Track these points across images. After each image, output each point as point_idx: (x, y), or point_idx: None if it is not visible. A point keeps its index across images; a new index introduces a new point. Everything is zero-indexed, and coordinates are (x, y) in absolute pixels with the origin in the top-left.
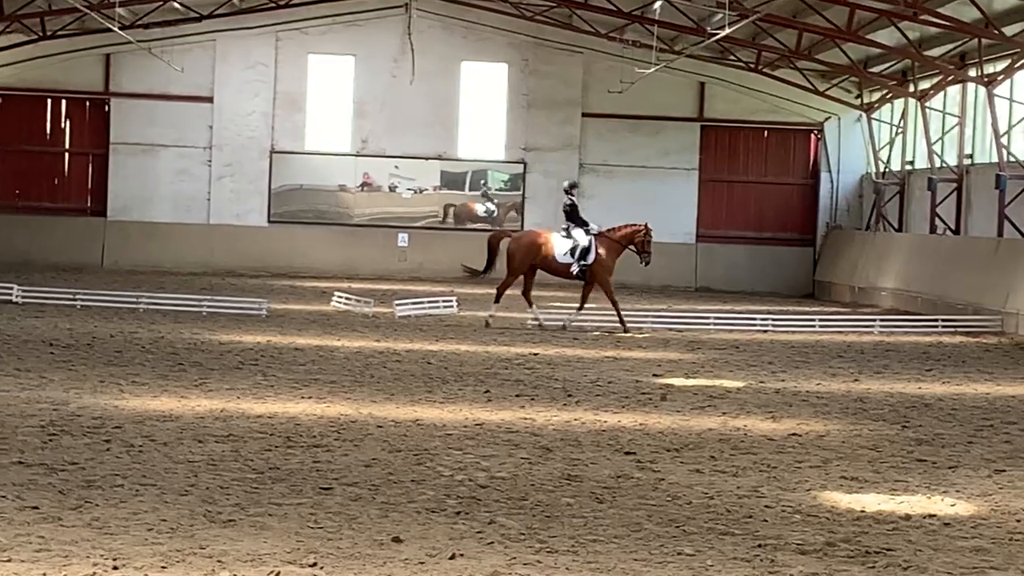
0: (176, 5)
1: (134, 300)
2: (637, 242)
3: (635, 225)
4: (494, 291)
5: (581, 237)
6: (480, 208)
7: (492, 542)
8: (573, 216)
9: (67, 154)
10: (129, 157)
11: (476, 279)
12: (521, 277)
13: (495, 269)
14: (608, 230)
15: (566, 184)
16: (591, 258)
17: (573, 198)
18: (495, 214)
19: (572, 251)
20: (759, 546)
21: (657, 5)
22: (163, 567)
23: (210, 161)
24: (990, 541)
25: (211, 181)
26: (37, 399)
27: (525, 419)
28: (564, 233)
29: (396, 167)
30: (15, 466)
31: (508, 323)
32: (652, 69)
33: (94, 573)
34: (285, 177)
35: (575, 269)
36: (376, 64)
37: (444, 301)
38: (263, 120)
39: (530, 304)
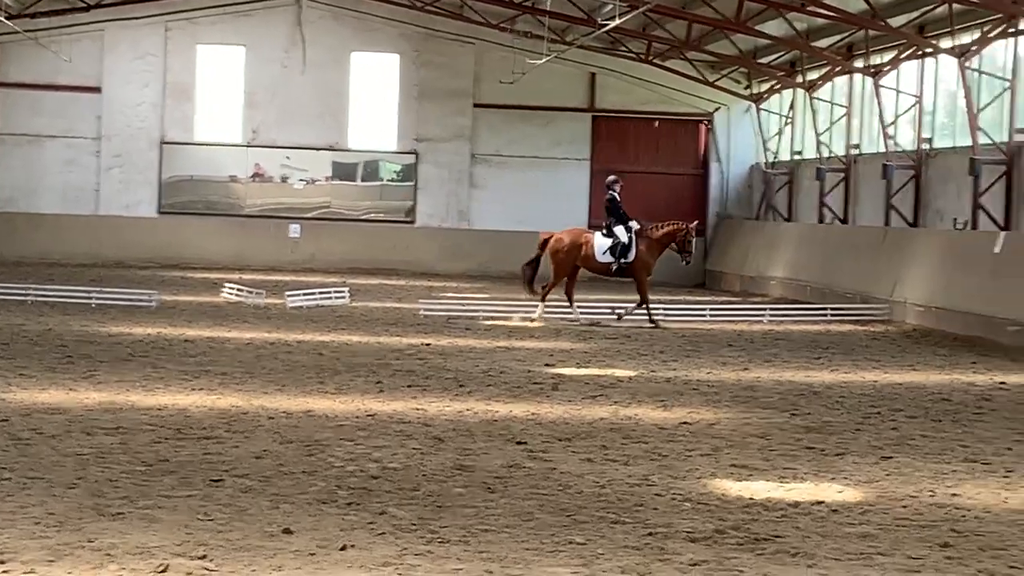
0: None
1: (22, 292)
2: (678, 241)
3: (677, 224)
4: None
5: (622, 234)
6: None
7: (383, 533)
8: (614, 211)
9: None
10: (15, 148)
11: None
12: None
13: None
14: (650, 228)
15: (609, 179)
16: (631, 255)
17: (614, 192)
18: None
19: (612, 249)
20: (649, 534)
21: None
22: (51, 561)
23: (99, 152)
24: (877, 527)
25: (100, 172)
26: None
27: (417, 409)
28: (605, 231)
29: (287, 158)
30: None
31: (400, 314)
32: (543, 60)
33: None
34: (175, 168)
35: (614, 267)
36: (267, 54)
37: (336, 292)
38: (152, 111)
39: (571, 303)
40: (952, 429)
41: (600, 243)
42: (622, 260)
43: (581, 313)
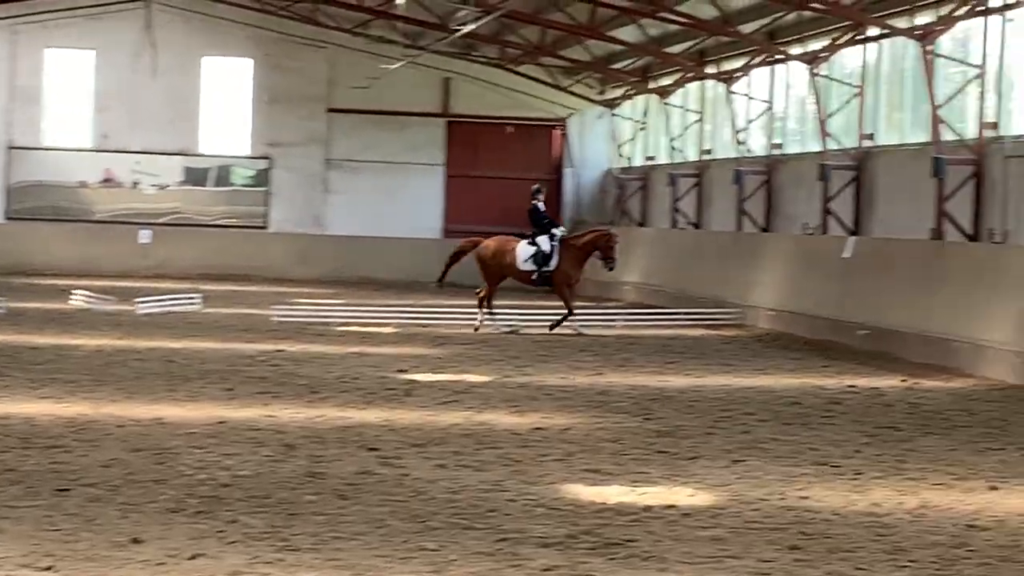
0: None
1: None
2: (601, 247)
3: (599, 230)
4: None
5: (544, 243)
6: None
7: (234, 541)
8: (536, 220)
9: None
10: None
11: (439, 287)
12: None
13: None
14: (573, 236)
15: (532, 188)
16: (552, 264)
17: (536, 201)
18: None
19: (534, 257)
20: (502, 540)
21: (401, 0)
22: None
23: None
24: (728, 530)
25: None
26: None
27: (269, 416)
28: (530, 240)
29: (138, 163)
30: None
31: (253, 320)
32: (397, 65)
33: None
34: (23, 173)
35: (535, 276)
36: (117, 58)
37: (187, 298)
38: None
39: (481, 306)
40: (802, 432)
41: (523, 251)
42: (543, 269)
43: (485, 318)
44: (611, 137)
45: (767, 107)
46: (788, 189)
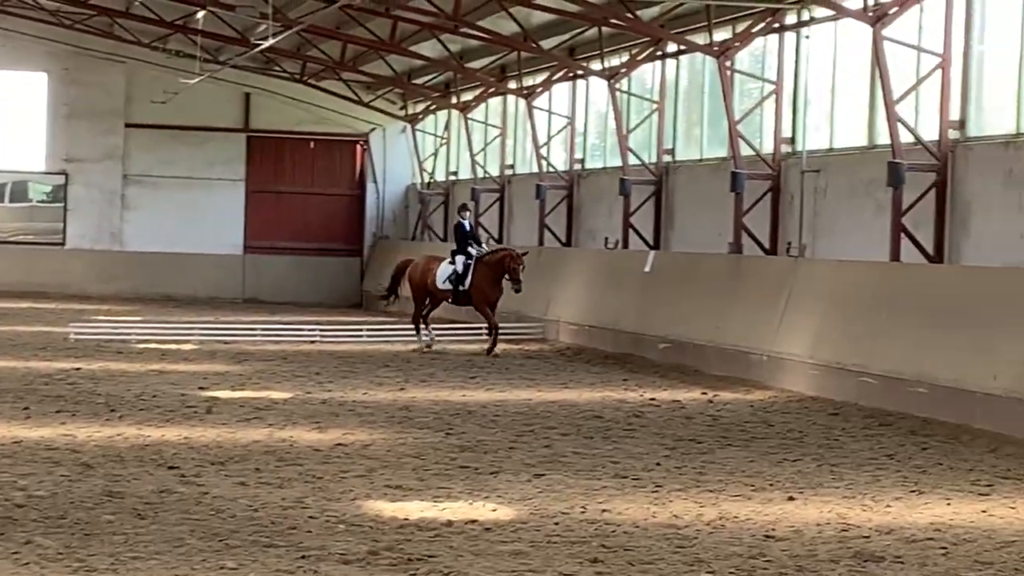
0: None
1: None
2: (506, 268)
3: (506, 250)
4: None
5: (459, 263)
6: None
7: (28, 563)
8: (459, 239)
9: None
10: None
11: (387, 304)
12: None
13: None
14: (487, 254)
15: (459, 205)
16: (467, 283)
17: (461, 219)
18: None
19: (450, 277)
20: (302, 557)
21: (200, 15)
22: None
23: None
24: (529, 544)
25: None
26: None
27: (65, 435)
28: (450, 259)
29: None
30: None
31: (50, 338)
32: (196, 80)
33: None
34: None
35: (451, 297)
36: None
37: None
38: None
39: (418, 329)
40: (603, 446)
41: (442, 271)
42: (458, 288)
43: (425, 336)
44: (413, 152)
45: (568, 122)
46: (589, 204)
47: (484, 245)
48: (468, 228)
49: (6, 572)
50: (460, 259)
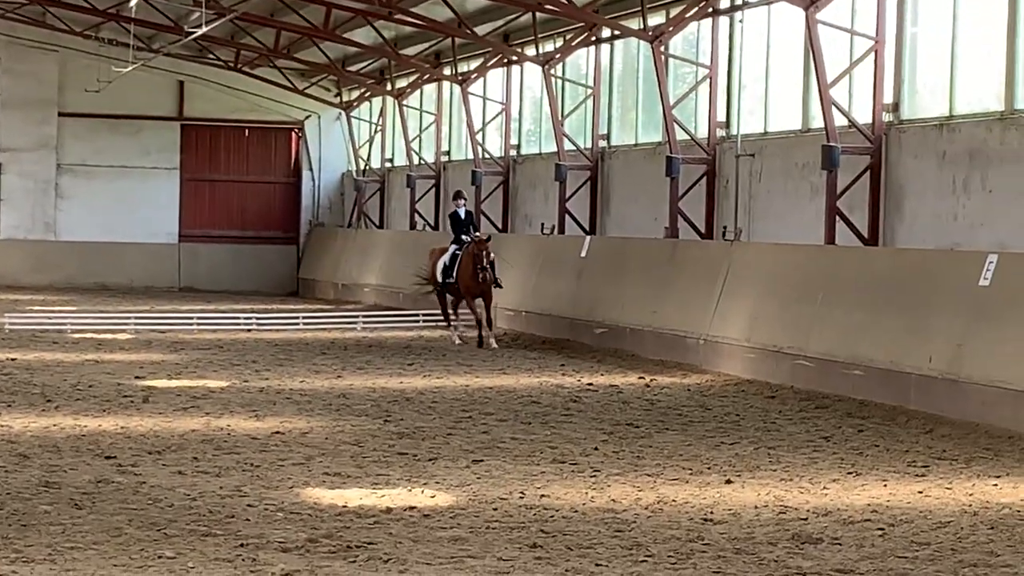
0: None
1: None
2: (475, 255)
3: (475, 237)
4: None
5: (449, 253)
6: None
7: None
8: (454, 227)
9: None
10: None
11: (431, 292)
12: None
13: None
14: (468, 244)
15: (454, 193)
16: (454, 274)
17: (456, 207)
18: None
19: (445, 268)
20: (241, 545)
21: (133, 3)
22: None
23: None
24: (468, 530)
25: None
26: None
27: (2, 426)
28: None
29: None
30: None
31: None
32: (130, 68)
33: None
34: None
35: (441, 286)
36: None
37: None
38: None
39: (448, 321)
40: (541, 431)
41: (440, 262)
42: (447, 279)
43: (457, 326)
44: (348, 140)
45: (502, 108)
46: (525, 190)
47: (479, 233)
48: (463, 216)
49: None
50: (452, 248)
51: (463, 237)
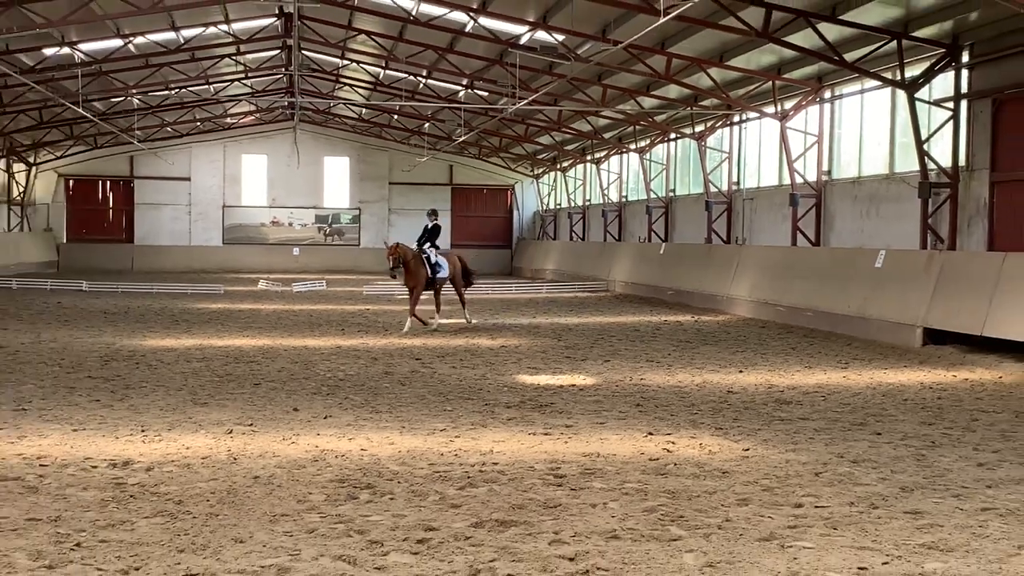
0: (168, 129)
1: (150, 289)
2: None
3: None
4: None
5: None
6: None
7: (347, 408)
8: (420, 236)
9: (110, 210)
10: (147, 210)
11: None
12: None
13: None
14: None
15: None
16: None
17: (428, 221)
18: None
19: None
20: (485, 404)
21: (426, 126)
22: (169, 430)
23: (190, 211)
24: (602, 396)
25: (190, 222)
26: (96, 341)
27: (364, 343)
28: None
29: (291, 212)
30: (86, 378)
31: (354, 293)
32: (425, 159)
33: (131, 434)
34: (231, 219)
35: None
36: (278, 157)
37: (319, 283)
38: (218, 190)
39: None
40: (640, 345)
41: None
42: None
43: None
44: (537, 195)
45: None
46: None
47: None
48: (430, 227)
49: (336, 414)
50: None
51: (425, 245)
